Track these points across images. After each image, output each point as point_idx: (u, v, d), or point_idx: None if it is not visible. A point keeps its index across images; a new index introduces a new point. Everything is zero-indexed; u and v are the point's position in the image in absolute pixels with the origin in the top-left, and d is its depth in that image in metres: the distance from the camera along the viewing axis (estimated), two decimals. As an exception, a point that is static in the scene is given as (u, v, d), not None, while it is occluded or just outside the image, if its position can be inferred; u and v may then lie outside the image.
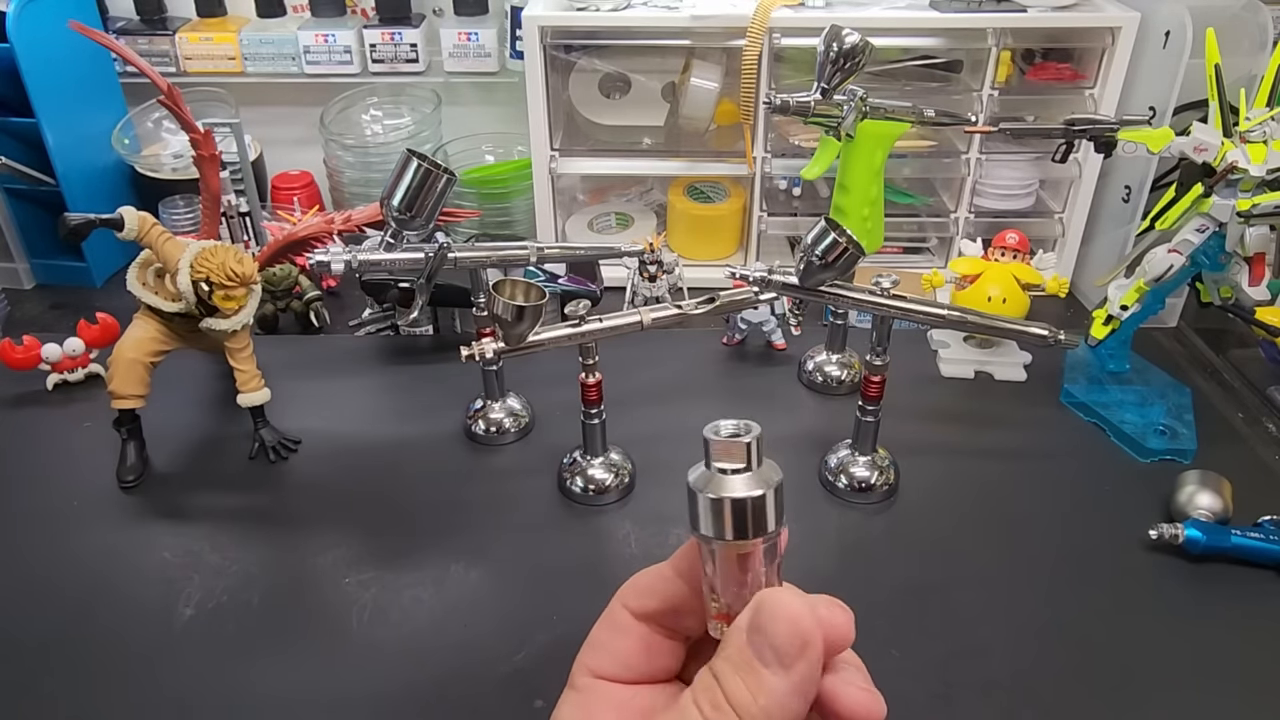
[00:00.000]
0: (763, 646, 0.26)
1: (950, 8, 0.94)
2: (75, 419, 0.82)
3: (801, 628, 0.26)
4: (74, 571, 0.67)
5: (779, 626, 0.26)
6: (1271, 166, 0.71)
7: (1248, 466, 0.76)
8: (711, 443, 0.27)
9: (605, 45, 1.00)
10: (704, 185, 1.09)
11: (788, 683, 0.26)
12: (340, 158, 1.13)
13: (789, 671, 0.26)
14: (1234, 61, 0.78)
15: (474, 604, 0.64)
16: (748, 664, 0.26)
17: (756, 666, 0.26)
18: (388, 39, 1.11)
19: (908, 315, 0.66)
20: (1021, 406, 0.84)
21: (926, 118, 0.85)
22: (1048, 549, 0.68)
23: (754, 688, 0.26)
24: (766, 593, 0.27)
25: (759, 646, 0.26)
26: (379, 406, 0.85)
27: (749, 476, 0.27)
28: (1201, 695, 0.58)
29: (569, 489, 0.73)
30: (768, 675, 0.26)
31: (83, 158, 1.03)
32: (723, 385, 0.88)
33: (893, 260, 1.09)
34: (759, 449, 0.27)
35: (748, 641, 0.26)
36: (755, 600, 0.27)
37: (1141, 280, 0.79)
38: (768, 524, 0.27)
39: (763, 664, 0.26)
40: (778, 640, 0.26)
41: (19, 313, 1.02)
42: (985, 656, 0.60)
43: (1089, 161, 0.98)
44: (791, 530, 0.77)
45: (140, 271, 0.73)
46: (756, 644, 0.26)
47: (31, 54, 0.93)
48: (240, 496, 0.74)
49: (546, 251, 0.79)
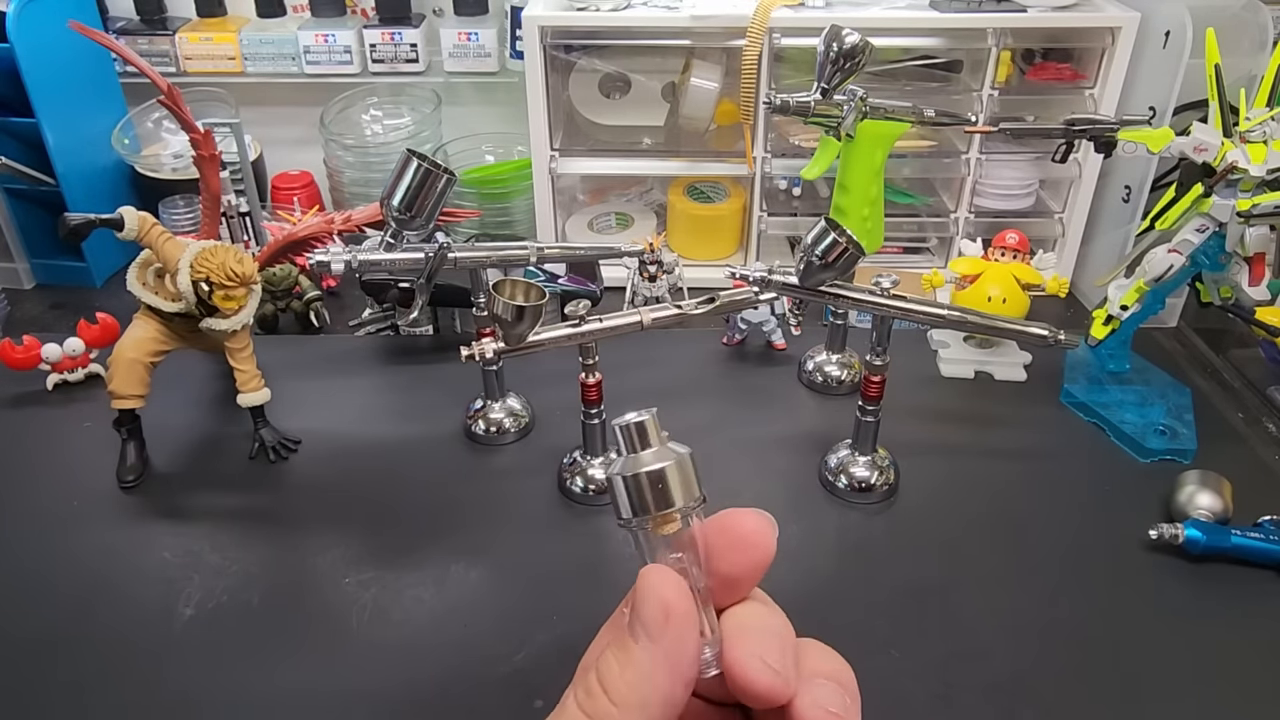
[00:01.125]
0: (634, 622, 0.26)
1: (950, 8, 0.94)
2: (75, 419, 0.82)
3: (664, 595, 0.25)
4: (74, 571, 0.67)
5: (647, 599, 0.26)
6: (1271, 166, 0.71)
7: (1248, 466, 0.76)
8: (617, 429, 0.28)
9: (605, 45, 1.00)
10: (704, 185, 1.09)
11: (651, 654, 0.25)
12: (340, 158, 1.13)
13: (655, 644, 0.25)
14: (1234, 61, 0.78)
15: (474, 604, 0.64)
16: (620, 641, 0.26)
17: (627, 643, 0.26)
18: (388, 39, 1.11)
19: (908, 315, 0.66)
20: (1021, 406, 0.84)
21: (926, 118, 0.85)
22: (1048, 549, 0.68)
23: (621, 662, 0.25)
24: (644, 569, 0.27)
25: (631, 623, 0.26)
26: (379, 406, 0.85)
27: (654, 451, 0.28)
28: (1202, 695, 0.58)
29: (569, 489, 0.73)
30: (634, 649, 0.25)
31: (83, 158, 1.03)
32: (723, 385, 0.88)
33: (893, 260, 1.09)
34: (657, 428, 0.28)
35: (625, 619, 0.26)
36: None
37: (1141, 280, 0.79)
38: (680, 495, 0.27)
39: (633, 638, 0.26)
40: (644, 612, 0.25)
41: (19, 313, 1.02)
42: (985, 657, 0.60)
43: (1089, 161, 0.98)
44: (791, 530, 0.77)
45: (140, 271, 0.73)
46: (630, 621, 0.26)
47: (31, 54, 0.93)
48: (240, 496, 0.74)
49: (546, 251, 0.79)
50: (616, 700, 0.25)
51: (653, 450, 0.28)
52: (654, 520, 0.27)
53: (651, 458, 0.28)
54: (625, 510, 0.28)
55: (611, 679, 0.25)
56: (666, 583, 0.26)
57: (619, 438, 0.28)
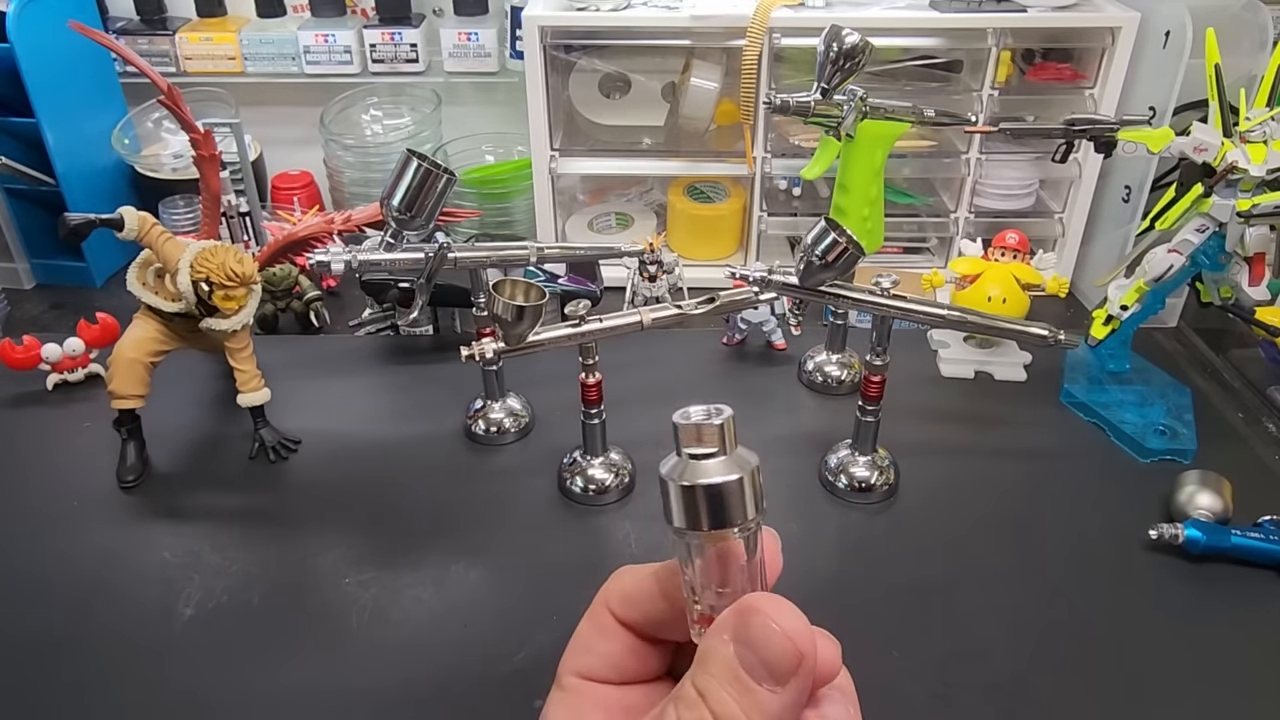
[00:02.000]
0: (753, 661, 0.24)
1: (950, 8, 0.94)
2: (75, 419, 0.82)
3: (798, 641, 0.24)
4: (74, 571, 0.67)
5: (772, 639, 0.24)
6: (1271, 166, 0.71)
7: (1248, 466, 0.76)
8: (681, 427, 0.25)
9: (605, 45, 1.00)
10: (704, 185, 1.09)
11: (781, 701, 0.24)
12: (340, 158, 1.13)
13: (783, 689, 0.24)
14: (1234, 61, 0.78)
15: (474, 604, 0.64)
16: (736, 679, 0.24)
17: (748, 683, 0.24)
18: (388, 39, 1.11)
19: (908, 315, 0.66)
20: (1021, 406, 0.84)
21: (926, 118, 0.85)
22: (1048, 549, 0.68)
23: (747, 707, 0.24)
24: (753, 599, 0.25)
25: (748, 661, 0.24)
26: (379, 406, 0.85)
27: (722, 461, 0.25)
28: (1202, 695, 0.58)
29: (569, 489, 0.73)
30: (762, 693, 0.24)
31: (83, 158, 1.03)
32: (723, 385, 0.88)
33: (893, 260, 1.09)
34: (732, 432, 0.25)
35: (735, 654, 0.24)
36: (740, 607, 0.25)
37: (1141, 280, 0.79)
38: (745, 511, 0.25)
39: (755, 680, 0.24)
40: (771, 655, 0.24)
41: (19, 313, 1.02)
42: (985, 657, 0.60)
43: (1089, 161, 0.98)
44: (791, 530, 0.77)
45: (140, 271, 0.73)
46: (745, 658, 0.24)
47: (31, 54, 0.93)
48: (240, 496, 0.74)
49: (546, 251, 0.79)
50: None
51: (721, 460, 0.25)
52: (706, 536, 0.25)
53: (718, 468, 0.25)
54: (679, 519, 0.25)
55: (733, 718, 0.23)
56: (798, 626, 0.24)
57: (683, 435, 0.25)
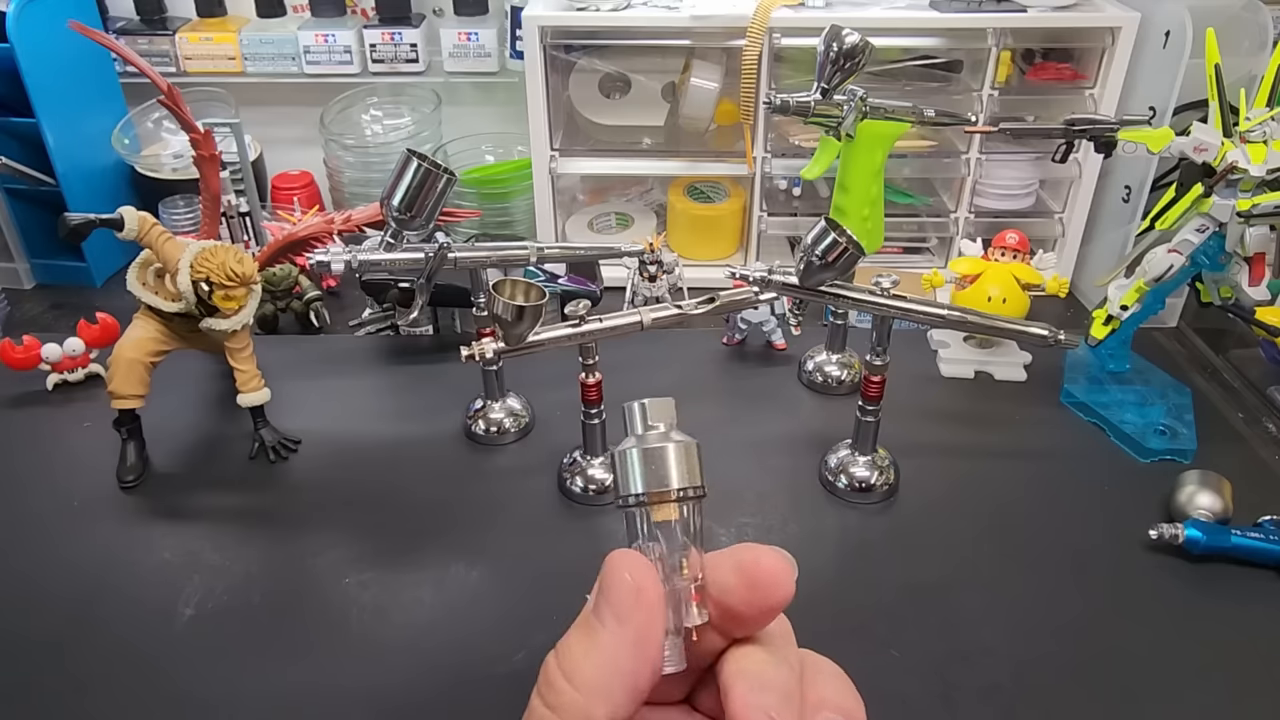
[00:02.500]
0: (600, 605, 0.24)
1: (950, 8, 0.94)
2: (75, 419, 0.82)
3: (633, 577, 0.24)
4: (74, 571, 0.67)
5: (614, 579, 0.24)
6: (1271, 166, 0.71)
7: (1248, 466, 0.76)
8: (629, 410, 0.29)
9: (605, 45, 1.00)
10: (704, 185, 1.09)
11: (618, 638, 0.24)
12: (340, 158, 1.13)
13: (622, 626, 0.24)
14: (1234, 61, 0.78)
15: (474, 604, 0.64)
16: (583, 625, 0.25)
17: (591, 626, 0.24)
18: (388, 39, 1.11)
19: (908, 315, 0.66)
20: (1021, 406, 0.84)
21: (926, 118, 0.85)
22: (1048, 549, 0.68)
23: (586, 647, 0.24)
24: (612, 552, 0.25)
25: (597, 606, 0.25)
26: (379, 406, 0.85)
27: (663, 432, 0.29)
28: (1202, 695, 0.58)
29: (569, 489, 0.73)
30: (600, 632, 0.24)
31: (83, 158, 1.03)
32: (723, 385, 0.88)
33: (893, 260, 1.09)
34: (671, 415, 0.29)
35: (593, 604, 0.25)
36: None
37: (1141, 280, 0.79)
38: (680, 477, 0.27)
39: (599, 623, 0.24)
40: (611, 593, 0.24)
41: (19, 313, 1.02)
42: (985, 657, 0.60)
43: (1089, 161, 0.98)
44: (792, 530, 0.77)
45: (140, 271, 0.73)
46: (596, 604, 0.25)
47: (31, 54, 0.93)
48: (240, 496, 0.74)
49: (546, 251, 0.79)
50: (581, 687, 0.24)
51: (660, 432, 0.29)
52: (651, 498, 0.27)
53: (658, 438, 0.28)
54: (624, 485, 0.28)
55: (575, 665, 0.24)
56: (635, 565, 0.25)
57: (634, 416, 0.29)
